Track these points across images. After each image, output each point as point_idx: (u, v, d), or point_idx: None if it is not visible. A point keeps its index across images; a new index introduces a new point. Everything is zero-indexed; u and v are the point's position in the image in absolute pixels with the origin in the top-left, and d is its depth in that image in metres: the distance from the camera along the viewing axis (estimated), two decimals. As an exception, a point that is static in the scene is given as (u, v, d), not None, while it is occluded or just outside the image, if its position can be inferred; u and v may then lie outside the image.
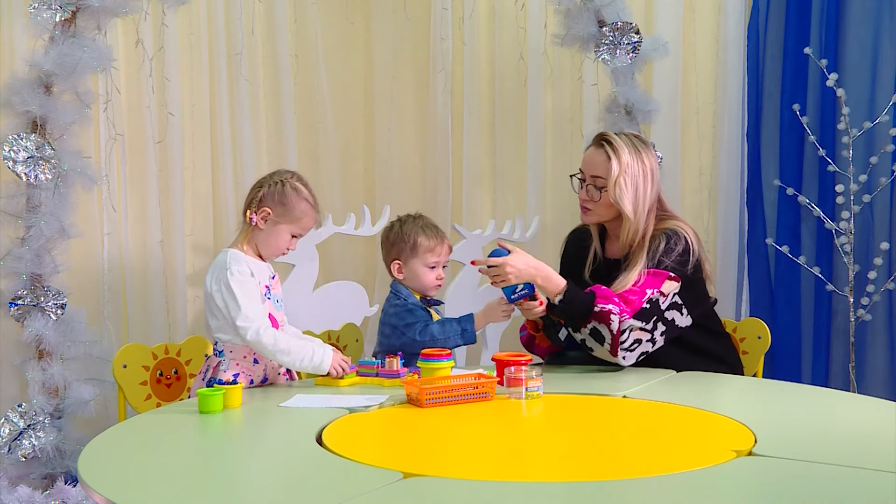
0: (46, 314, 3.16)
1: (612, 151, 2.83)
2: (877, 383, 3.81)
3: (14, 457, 3.13)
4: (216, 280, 2.62)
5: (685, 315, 2.81)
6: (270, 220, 2.66)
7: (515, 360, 2.50)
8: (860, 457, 1.86)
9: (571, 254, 3.05)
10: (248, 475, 1.87)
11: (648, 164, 2.85)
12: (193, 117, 3.91)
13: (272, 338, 2.56)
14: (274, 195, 2.66)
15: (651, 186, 2.85)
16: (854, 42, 3.83)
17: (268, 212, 2.65)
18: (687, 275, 2.79)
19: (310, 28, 4.16)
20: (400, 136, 4.31)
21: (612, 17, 3.65)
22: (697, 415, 2.26)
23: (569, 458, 1.96)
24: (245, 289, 2.58)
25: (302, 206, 2.68)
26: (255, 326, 2.56)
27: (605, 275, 2.89)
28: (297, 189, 2.68)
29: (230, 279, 2.58)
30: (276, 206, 2.65)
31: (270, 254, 2.71)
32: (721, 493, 1.72)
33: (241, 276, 2.59)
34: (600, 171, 2.84)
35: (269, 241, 2.68)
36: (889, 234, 3.79)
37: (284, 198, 2.66)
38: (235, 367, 2.64)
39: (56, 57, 3.11)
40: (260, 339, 2.55)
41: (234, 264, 2.61)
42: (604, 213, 2.88)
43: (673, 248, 2.79)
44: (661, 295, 2.75)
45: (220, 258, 2.65)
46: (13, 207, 3.17)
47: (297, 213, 2.67)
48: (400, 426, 2.25)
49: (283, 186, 2.66)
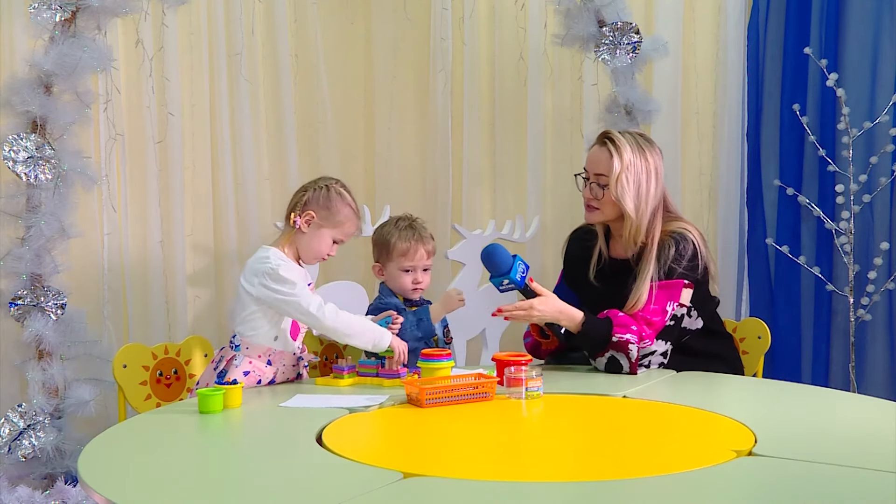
0: (46, 314, 3.16)
1: (614, 149, 2.82)
2: (877, 383, 3.81)
3: (14, 457, 3.13)
4: (257, 273, 2.63)
5: (695, 318, 2.81)
6: (314, 224, 2.69)
7: (515, 360, 2.50)
8: (860, 457, 1.86)
9: (575, 253, 3.04)
10: (248, 475, 1.87)
11: (652, 163, 2.85)
12: (193, 117, 3.91)
13: (333, 315, 2.61)
14: (319, 199, 2.70)
15: (655, 185, 2.84)
16: (854, 42, 3.82)
17: (312, 215, 2.68)
18: (698, 279, 2.80)
19: (310, 28, 4.15)
20: (400, 136, 4.30)
21: (612, 17, 3.65)
22: (697, 415, 2.26)
23: (569, 458, 1.96)
24: (291, 272, 2.63)
25: (346, 211, 2.72)
26: (316, 305, 2.60)
27: (610, 275, 2.88)
28: (341, 194, 2.72)
29: (278, 268, 2.61)
30: (321, 210, 2.69)
31: (311, 258, 2.74)
32: (721, 493, 1.72)
33: (289, 266, 2.64)
34: (603, 169, 2.84)
35: (312, 245, 2.71)
36: (889, 234, 3.79)
37: (329, 202, 2.69)
38: (248, 364, 2.65)
39: (56, 57, 3.11)
40: (323, 315, 2.60)
41: (279, 259, 2.65)
42: (608, 212, 2.87)
43: (683, 253, 2.78)
44: (683, 307, 2.76)
45: (261, 254, 2.68)
46: (13, 207, 3.17)
47: (340, 218, 2.71)
48: (400, 426, 2.25)
49: (328, 191, 2.71)
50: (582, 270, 2.96)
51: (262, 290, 2.62)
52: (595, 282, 2.91)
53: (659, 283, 2.76)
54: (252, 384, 2.65)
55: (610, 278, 2.87)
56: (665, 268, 2.77)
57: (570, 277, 3.03)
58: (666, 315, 2.74)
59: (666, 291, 2.76)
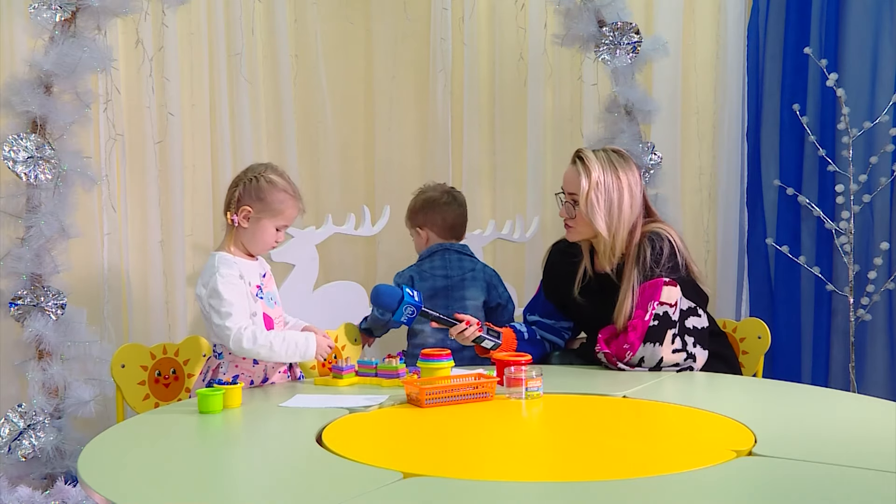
0: (46, 314, 3.16)
1: (582, 168, 2.81)
2: (877, 383, 3.81)
3: (14, 457, 3.12)
4: (204, 283, 2.61)
5: (702, 316, 2.81)
6: (252, 218, 2.64)
7: (515, 360, 2.50)
8: (860, 457, 1.86)
9: (557, 267, 3.01)
10: (248, 475, 1.87)
11: (625, 181, 2.81)
12: (193, 117, 3.91)
13: (251, 340, 2.54)
14: (251, 192, 2.64)
15: (630, 202, 2.81)
16: (854, 42, 3.83)
17: (248, 210, 2.64)
18: (682, 275, 2.79)
19: (310, 28, 4.15)
20: (400, 136, 4.30)
21: (612, 17, 3.65)
22: (697, 415, 2.26)
23: (569, 459, 1.96)
24: (231, 293, 2.57)
25: (280, 197, 2.66)
26: (234, 332, 2.54)
27: (596, 290, 2.87)
28: (272, 182, 2.65)
29: (218, 282, 2.57)
30: (255, 203, 2.64)
31: (259, 250, 2.70)
32: (721, 493, 1.72)
33: (228, 279, 2.58)
34: (574, 188, 2.83)
35: (256, 239, 2.66)
36: (889, 234, 3.79)
37: (261, 193, 2.64)
38: (234, 368, 2.65)
39: (56, 57, 3.11)
40: (240, 342, 2.54)
41: (223, 266, 2.60)
42: (583, 230, 2.86)
43: (660, 253, 2.77)
44: (668, 305, 2.74)
45: (208, 262, 2.65)
46: (13, 207, 3.16)
47: (277, 206, 2.65)
48: (400, 426, 2.25)
49: (258, 182, 2.65)
50: (566, 286, 2.94)
51: (206, 302, 2.59)
52: (580, 299, 2.90)
53: (641, 287, 2.76)
54: (246, 386, 2.63)
55: (596, 294, 2.86)
56: (646, 270, 2.76)
57: (551, 291, 3.02)
58: (647, 314, 2.73)
59: (648, 292, 2.75)
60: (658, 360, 2.72)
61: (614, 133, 3.69)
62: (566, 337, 3.02)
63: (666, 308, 2.73)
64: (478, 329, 2.83)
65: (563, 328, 3.01)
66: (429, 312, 2.77)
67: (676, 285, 2.76)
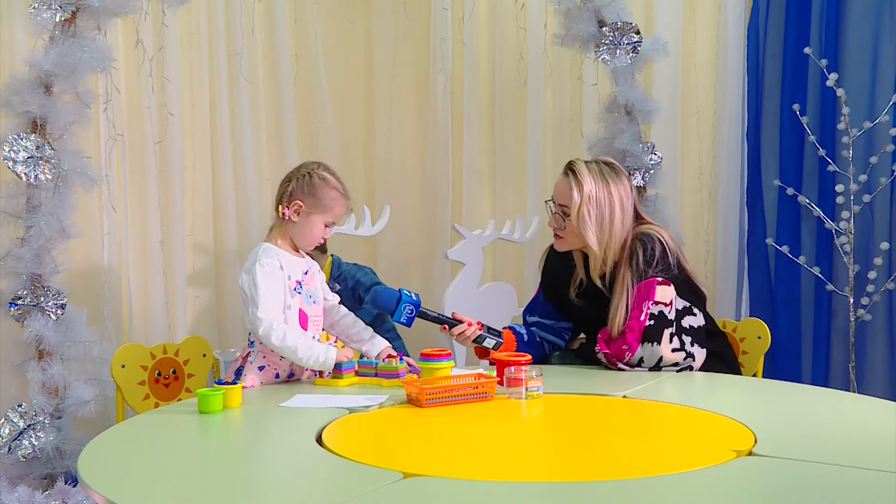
0: (46, 314, 3.16)
1: (574, 181, 2.80)
2: (877, 383, 3.81)
3: (14, 457, 3.12)
4: (246, 270, 2.66)
5: (697, 314, 2.80)
6: (303, 213, 2.70)
7: (515, 360, 2.49)
8: (860, 457, 1.86)
9: (554, 268, 3.00)
10: (248, 475, 1.87)
11: (617, 195, 2.80)
12: (193, 117, 3.91)
13: (280, 338, 2.59)
14: (303, 187, 2.70)
15: (621, 216, 2.80)
16: (854, 42, 3.83)
17: (299, 204, 2.69)
18: (675, 275, 2.78)
19: (310, 28, 4.15)
20: (400, 136, 4.30)
21: (612, 17, 3.65)
22: (697, 415, 2.26)
23: (569, 459, 1.96)
24: (269, 282, 2.62)
25: (332, 194, 2.72)
26: (266, 323, 2.59)
27: (592, 294, 2.87)
28: (324, 178, 2.72)
29: (257, 270, 2.62)
30: (307, 198, 2.70)
31: (306, 245, 2.75)
32: (721, 493, 1.72)
33: (268, 269, 2.63)
34: (565, 200, 2.83)
35: (304, 233, 2.72)
36: (889, 234, 3.79)
37: (314, 189, 2.70)
38: (262, 359, 2.68)
39: (56, 57, 3.11)
40: (269, 335, 2.59)
41: (265, 256, 2.65)
42: (572, 241, 2.86)
43: (652, 253, 2.76)
44: (663, 305, 2.74)
45: (253, 251, 2.70)
46: (13, 207, 3.16)
47: (327, 203, 2.71)
48: (400, 426, 2.25)
49: (310, 178, 2.72)
50: (563, 287, 2.94)
51: (246, 288, 2.63)
52: (577, 302, 2.90)
53: (634, 288, 2.75)
54: (270, 379, 2.67)
55: (592, 296, 2.86)
56: (638, 271, 2.76)
57: (550, 292, 3.02)
58: (642, 314, 2.72)
59: (642, 293, 2.75)
60: (658, 360, 2.72)
61: (614, 133, 3.69)
62: (566, 337, 3.02)
63: (661, 307, 2.73)
64: (478, 328, 2.83)
65: (563, 328, 3.01)
66: (428, 312, 2.78)
67: (670, 284, 2.76)
